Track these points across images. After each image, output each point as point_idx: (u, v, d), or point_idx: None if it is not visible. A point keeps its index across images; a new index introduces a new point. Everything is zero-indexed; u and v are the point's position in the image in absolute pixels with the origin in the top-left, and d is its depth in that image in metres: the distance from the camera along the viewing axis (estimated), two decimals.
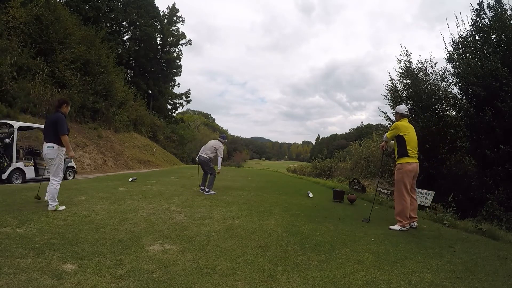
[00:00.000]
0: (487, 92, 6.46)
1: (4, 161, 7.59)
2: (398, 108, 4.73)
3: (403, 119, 4.60)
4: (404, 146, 4.36)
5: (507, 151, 6.02)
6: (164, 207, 4.96)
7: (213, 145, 7.12)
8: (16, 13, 13.87)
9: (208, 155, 6.99)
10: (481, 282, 2.56)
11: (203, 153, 7.05)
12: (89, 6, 24.92)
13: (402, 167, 4.35)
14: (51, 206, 4.24)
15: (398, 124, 4.51)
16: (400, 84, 8.92)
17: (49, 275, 2.18)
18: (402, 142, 4.38)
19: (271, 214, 4.91)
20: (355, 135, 43.08)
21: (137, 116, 24.12)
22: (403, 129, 4.42)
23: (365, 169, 14.21)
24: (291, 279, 2.39)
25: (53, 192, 4.27)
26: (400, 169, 4.38)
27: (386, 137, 4.57)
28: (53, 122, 4.29)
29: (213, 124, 78.86)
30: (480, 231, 4.53)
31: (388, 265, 2.83)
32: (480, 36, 7.45)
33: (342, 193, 7.20)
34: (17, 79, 12.80)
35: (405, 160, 4.35)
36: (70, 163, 9.71)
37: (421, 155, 7.58)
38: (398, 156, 4.43)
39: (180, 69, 40.46)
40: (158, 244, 3.03)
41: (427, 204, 6.51)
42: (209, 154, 7.00)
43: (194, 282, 2.23)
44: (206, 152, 7.03)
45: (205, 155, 6.98)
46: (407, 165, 4.34)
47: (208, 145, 7.18)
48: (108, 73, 18.98)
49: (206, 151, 7.06)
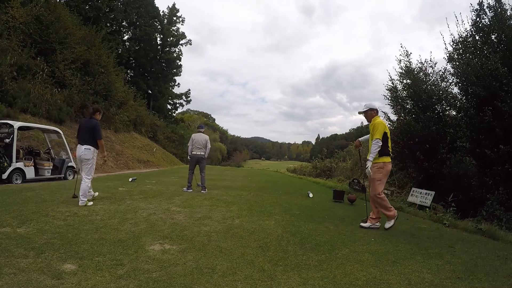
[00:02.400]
0: (487, 92, 6.46)
1: (4, 161, 7.58)
2: (373, 104, 4.46)
3: (377, 116, 4.42)
4: (387, 145, 4.20)
5: (507, 151, 6.02)
6: (164, 207, 4.96)
7: (205, 139, 7.10)
8: (16, 13, 13.86)
9: (203, 151, 7.02)
10: (481, 282, 2.56)
11: (198, 150, 6.99)
12: (89, 6, 24.90)
13: (384, 166, 4.17)
14: (81, 202, 4.66)
15: (382, 122, 4.28)
16: (400, 84, 8.93)
17: (49, 275, 2.18)
18: (385, 141, 4.19)
19: (271, 214, 4.91)
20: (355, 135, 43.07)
21: (137, 116, 24.09)
22: (386, 127, 4.24)
23: (365, 169, 14.21)
24: (291, 279, 2.39)
25: (85, 189, 4.73)
26: (381, 168, 4.18)
27: (379, 141, 4.10)
28: (89, 128, 4.87)
29: (213, 124, 78.87)
30: (480, 231, 4.53)
31: (388, 265, 2.83)
32: (480, 36, 7.45)
33: (342, 193, 7.21)
34: (17, 79, 12.78)
35: (387, 159, 4.19)
36: (70, 163, 9.70)
37: (421, 155, 7.61)
38: (379, 155, 4.17)
39: (180, 69, 40.51)
40: (158, 244, 3.02)
41: (427, 204, 6.51)
42: (203, 150, 7.03)
43: (194, 282, 2.23)
44: (201, 148, 7.01)
45: (201, 152, 6.99)
46: (388, 164, 4.21)
47: (199, 141, 7.05)
48: (108, 73, 18.95)
49: (201, 147, 7.01)
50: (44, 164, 8.90)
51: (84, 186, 4.72)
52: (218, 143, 65.58)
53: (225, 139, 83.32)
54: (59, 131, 9.72)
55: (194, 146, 7.04)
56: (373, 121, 4.32)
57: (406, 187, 9.47)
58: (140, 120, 24.81)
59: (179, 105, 43.63)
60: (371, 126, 4.32)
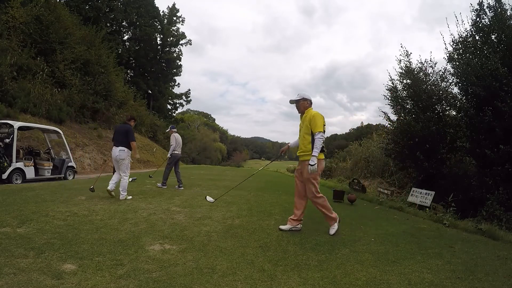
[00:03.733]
0: (487, 92, 6.47)
1: (4, 161, 7.58)
2: (307, 95, 3.93)
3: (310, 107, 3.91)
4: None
5: (507, 151, 6.02)
6: (164, 207, 4.96)
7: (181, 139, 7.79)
8: (16, 13, 13.87)
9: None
10: (481, 282, 2.56)
11: (180, 150, 7.63)
12: (89, 6, 24.90)
13: (319, 163, 3.66)
14: (122, 196, 5.33)
15: (319, 113, 3.74)
16: (400, 84, 8.94)
17: (49, 275, 2.18)
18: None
19: (271, 214, 4.91)
20: (355, 135, 43.00)
21: (137, 116, 24.05)
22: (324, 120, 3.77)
23: (365, 169, 14.21)
24: (291, 279, 2.38)
25: (124, 185, 5.40)
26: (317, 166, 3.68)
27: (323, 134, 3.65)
28: (124, 131, 5.49)
29: (213, 124, 78.83)
30: (480, 231, 4.53)
31: (388, 265, 2.83)
32: (480, 36, 7.46)
33: (342, 193, 7.20)
34: (17, 79, 12.80)
35: (322, 156, 3.72)
36: (70, 163, 9.70)
37: (421, 155, 7.61)
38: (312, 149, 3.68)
39: (180, 69, 40.51)
40: (158, 244, 3.02)
41: (427, 204, 6.50)
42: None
43: (194, 282, 2.23)
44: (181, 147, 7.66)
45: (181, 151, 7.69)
46: (322, 161, 3.79)
47: (180, 141, 7.70)
48: (108, 73, 18.97)
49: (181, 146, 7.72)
50: (44, 164, 8.90)
51: (123, 182, 5.39)
52: (218, 143, 65.55)
53: (225, 139, 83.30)
54: (59, 131, 9.73)
55: (178, 145, 7.55)
56: (306, 112, 3.82)
57: (406, 187, 9.47)
58: (140, 120, 24.79)
59: (179, 105, 43.66)
60: (305, 118, 3.81)
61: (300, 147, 3.85)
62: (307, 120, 3.74)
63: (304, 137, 3.75)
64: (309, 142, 3.70)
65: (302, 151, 3.79)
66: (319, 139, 3.59)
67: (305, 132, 3.75)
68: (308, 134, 3.72)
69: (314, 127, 3.64)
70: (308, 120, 3.72)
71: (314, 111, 3.78)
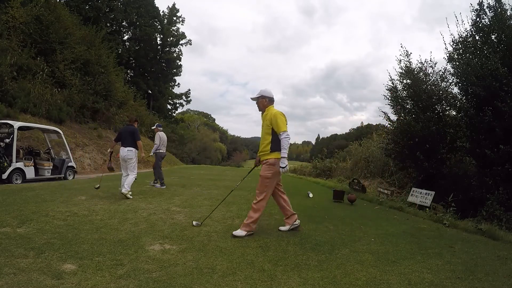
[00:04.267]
0: (487, 92, 6.46)
1: (4, 161, 7.58)
2: (267, 92, 3.73)
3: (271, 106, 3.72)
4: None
5: (507, 151, 6.02)
6: (164, 207, 4.96)
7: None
8: (16, 13, 13.86)
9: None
10: (481, 282, 2.56)
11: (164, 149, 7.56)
12: (89, 6, 24.91)
13: (276, 163, 3.49)
14: (124, 189, 5.52)
15: (281, 112, 3.60)
16: (400, 84, 8.92)
17: (49, 275, 2.18)
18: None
19: (271, 214, 4.91)
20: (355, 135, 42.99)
21: (137, 116, 24.05)
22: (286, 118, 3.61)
23: (365, 169, 14.18)
24: (291, 279, 2.39)
25: (130, 181, 5.65)
26: (273, 165, 3.51)
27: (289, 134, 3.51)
28: (130, 132, 5.76)
29: (213, 124, 78.85)
30: (480, 231, 4.53)
31: (388, 265, 2.83)
32: (480, 36, 7.45)
33: (342, 193, 7.20)
34: (17, 79, 12.79)
35: (279, 155, 3.50)
36: (70, 163, 9.70)
37: (421, 155, 7.61)
38: (272, 150, 3.53)
39: (180, 69, 40.57)
40: (158, 244, 3.03)
41: (427, 204, 6.50)
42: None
43: (194, 282, 2.23)
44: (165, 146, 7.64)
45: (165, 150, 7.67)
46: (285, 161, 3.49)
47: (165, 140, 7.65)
48: (108, 73, 18.95)
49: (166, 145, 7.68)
50: (44, 164, 8.90)
51: (131, 179, 5.67)
52: (218, 143, 65.61)
53: (225, 139, 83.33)
54: (59, 131, 9.73)
55: (162, 144, 7.51)
56: (267, 111, 3.65)
57: (406, 187, 9.46)
58: (140, 120, 24.76)
59: (179, 105, 43.69)
60: (265, 117, 3.63)
61: (260, 147, 3.71)
62: (267, 119, 3.57)
63: (265, 137, 3.59)
64: (268, 142, 3.54)
65: (261, 150, 3.67)
66: (285, 138, 3.44)
67: (265, 132, 3.58)
68: (268, 134, 3.55)
69: (277, 128, 3.47)
70: (268, 119, 3.55)
71: (275, 110, 3.61)
